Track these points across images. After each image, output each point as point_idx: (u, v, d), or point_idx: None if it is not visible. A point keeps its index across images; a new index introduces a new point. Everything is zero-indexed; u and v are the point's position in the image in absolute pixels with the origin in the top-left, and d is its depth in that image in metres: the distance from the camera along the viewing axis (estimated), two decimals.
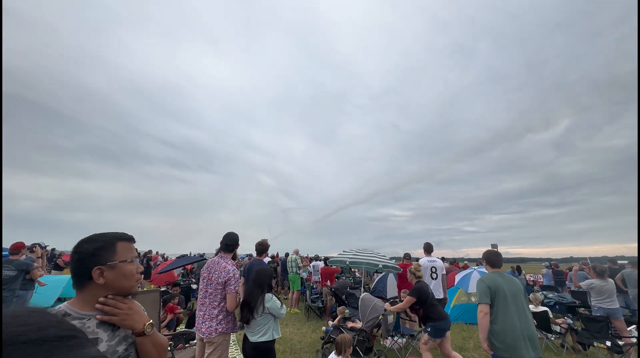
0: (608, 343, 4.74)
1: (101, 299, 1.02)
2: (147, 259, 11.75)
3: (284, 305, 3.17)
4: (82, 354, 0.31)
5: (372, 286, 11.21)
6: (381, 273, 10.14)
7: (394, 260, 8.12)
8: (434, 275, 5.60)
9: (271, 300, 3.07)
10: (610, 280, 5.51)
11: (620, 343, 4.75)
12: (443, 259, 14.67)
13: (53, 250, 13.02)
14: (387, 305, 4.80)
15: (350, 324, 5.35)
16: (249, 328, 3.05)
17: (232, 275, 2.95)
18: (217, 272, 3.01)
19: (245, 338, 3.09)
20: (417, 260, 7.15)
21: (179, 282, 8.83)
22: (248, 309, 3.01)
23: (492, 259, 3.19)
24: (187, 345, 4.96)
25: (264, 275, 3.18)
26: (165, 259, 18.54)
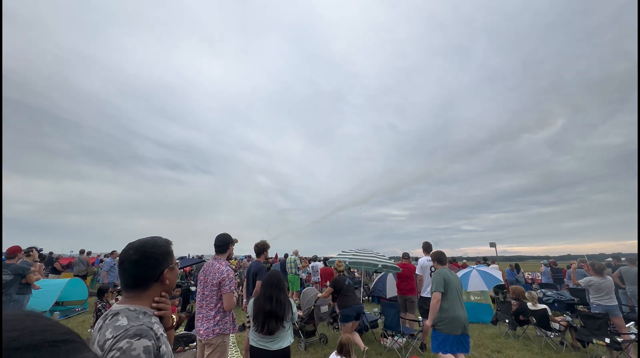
0: (607, 340, 4.76)
1: (157, 298, 1.14)
2: None
3: None
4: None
5: (371, 286, 11.22)
6: (380, 273, 10.14)
7: (393, 260, 8.12)
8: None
9: (294, 305, 3.01)
10: (609, 277, 5.54)
11: (619, 340, 4.77)
12: None
13: (50, 253, 12.94)
14: (319, 295, 5.80)
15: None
16: (267, 338, 2.82)
17: (225, 275, 2.94)
18: (211, 274, 3.02)
19: (255, 348, 2.87)
20: (417, 259, 7.16)
21: (179, 284, 8.79)
22: (275, 319, 2.79)
23: (441, 258, 4.12)
24: (186, 347, 4.93)
25: (281, 279, 3.05)
26: None
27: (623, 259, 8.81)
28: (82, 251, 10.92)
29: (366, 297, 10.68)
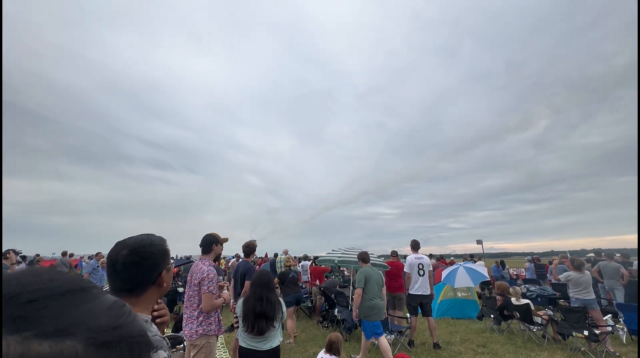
0: (585, 333, 4.94)
1: (157, 306, 1.07)
2: None
3: None
4: (107, 299, 0.33)
5: None
6: None
7: (382, 258, 8.20)
8: (421, 272, 5.69)
9: (284, 306, 3.01)
10: (587, 272, 5.75)
11: (597, 332, 4.96)
12: (431, 256, 14.93)
13: (37, 255, 12.51)
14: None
15: None
16: (257, 338, 2.79)
17: (205, 275, 2.87)
18: (195, 274, 3.01)
19: (244, 349, 2.84)
20: (405, 257, 7.25)
21: None
22: (266, 319, 2.76)
23: (364, 257, 5.07)
24: (173, 349, 4.85)
25: (271, 279, 3.04)
26: None
27: (602, 254, 9.17)
28: (64, 253, 10.59)
29: None
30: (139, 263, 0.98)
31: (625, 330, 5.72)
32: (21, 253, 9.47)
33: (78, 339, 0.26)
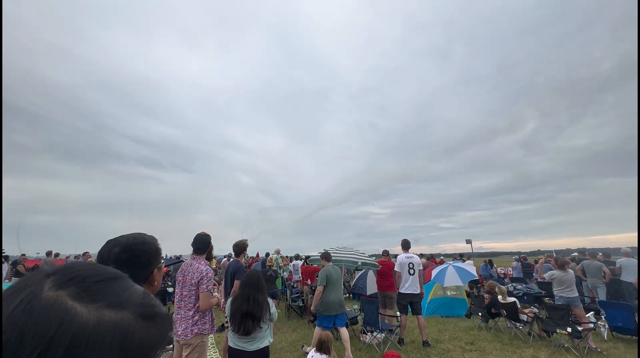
0: (569, 330, 5.09)
1: None
2: None
3: None
4: (140, 288, 0.42)
5: (352, 283, 11.37)
6: (361, 270, 10.29)
7: (374, 257, 8.27)
8: (412, 271, 5.76)
9: (273, 306, 2.95)
10: (570, 270, 5.93)
11: (580, 328, 5.11)
12: (421, 255, 15.12)
13: (23, 255, 12.14)
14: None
15: None
16: (245, 338, 2.78)
17: (204, 274, 2.94)
18: (190, 274, 2.99)
19: (233, 349, 2.84)
20: (396, 256, 7.33)
21: None
22: (252, 320, 2.74)
23: (327, 257, 5.40)
24: (162, 350, 4.80)
25: (261, 279, 2.99)
26: None
27: (586, 254, 9.44)
28: (49, 253, 10.33)
29: (347, 294, 10.81)
30: (131, 261, 0.98)
31: (607, 326, 5.91)
32: (4, 253, 9.21)
33: (130, 311, 0.36)
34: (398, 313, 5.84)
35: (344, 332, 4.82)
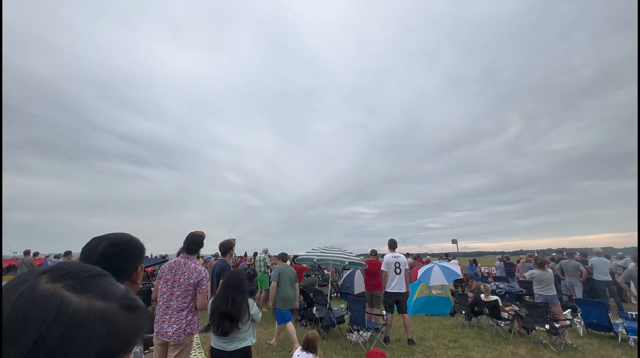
0: (547, 326, 5.29)
1: None
2: None
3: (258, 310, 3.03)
4: (121, 285, 0.48)
5: (340, 283, 11.44)
6: (349, 269, 10.37)
7: (362, 257, 8.35)
8: (398, 270, 5.85)
9: (254, 307, 2.92)
10: (549, 270, 6.16)
11: (557, 325, 5.32)
12: (408, 255, 15.34)
13: None
14: None
15: None
16: (224, 338, 2.76)
17: (204, 275, 2.98)
18: (185, 273, 2.94)
19: (213, 349, 2.82)
20: (383, 255, 7.43)
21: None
22: (230, 320, 2.70)
23: (284, 257, 6.22)
24: (146, 351, 4.72)
25: (242, 279, 2.94)
26: None
27: (564, 253, 9.80)
28: (26, 253, 9.93)
29: (334, 294, 10.87)
30: (119, 254, 1.01)
31: (582, 323, 6.17)
32: None
33: (115, 303, 0.42)
34: (384, 312, 5.93)
35: (290, 325, 5.29)
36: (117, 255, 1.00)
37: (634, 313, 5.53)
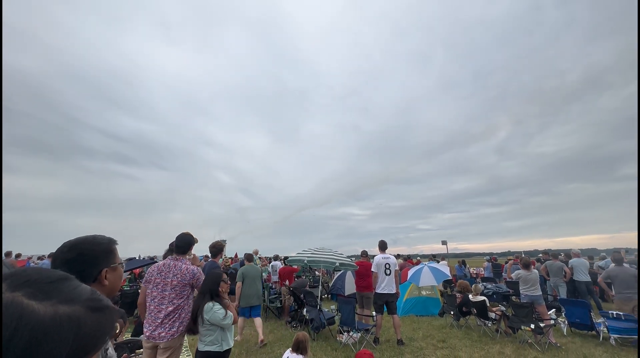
0: (532, 326, 5.41)
1: None
2: None
3: (229, 314, 2.83)
4: (87, 286, 0.49)
5: (331, 284, 11.44)
6: (340, 271, 10.39)
7: (354, 258, 8.39)
8: (388, 271, 5.89)
9: (210, 311, 2.76)
10: (535, 270, 6.31)
11: (542, 325, 5.44)
12: (399, 256, 15.46)
13: None
14: None
15: None
16: (199, 336, 2.88)
17: (199, 274, 3.00)
18: (178, 275, 2.92)
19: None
20: (374, 257, 7.48)
21: (124, 288, 8.21)
22: (192, 320, 2.84)
23: (250, 258, 6.69)
24: (132, 354, 4.62)
25: (208, 281, 2.95)
26: None
27: (549, 254, 10.05)
28: (7, 254, 9.63)
29: (325, 295, 10.87)
30: (78, 260, 1.01)
31: (566, 322, 6.33)
32: None
33: (81, 305, 0.42)
34: (374, 313, 5.96)
35: (258, 320, 5.79)
36: (74, 260, 1.00)
37: (614, 312, 5.70)
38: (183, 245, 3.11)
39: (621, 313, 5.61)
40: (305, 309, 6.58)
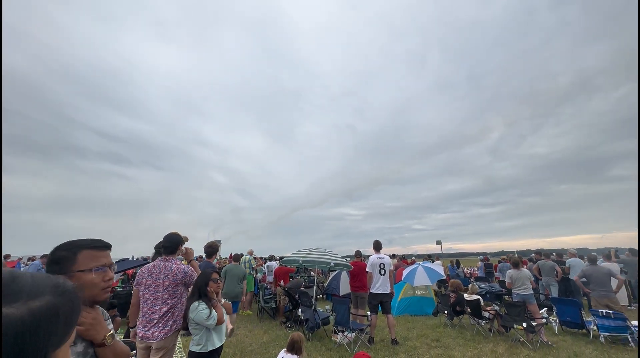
0: (524, 325, 5.48)
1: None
2: None
3: (213, 314, 2.78)
4: (43, 273, 0.51)
5: (326, 284, 11.45)
6: (335, 271, 10.41)
7: (348, 258, 8.40)
8: (382, 271, 5.92)
9: (195, 310, 2.74)
10: (524, 269, 6.43)
11: (534, 324, 5.52)
12: (394, 256, 15.54)
13: None
14: None
15: None
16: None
17: (191, 272, 3.00)
18: (169, 276, 2.90)
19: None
20: (369, 257, 7.51)
21: (117, 288, 8.13)
22: (183, 319, 2.87)
23: (237, 258, 7.25)
24: None
25: (198, 280, 2.92)
26: None
27: (541, 254, 10.19)
28: (7, 256, 9.47)
29: (320, 295, 10.87)
30: (54, 261, 1.06)
31: (557, 321, 6.43)
32: None
33: (49, 294, 0.45)
34: (368, 312, 5.98)
35: (233, 316, 6.09)
36: (52, 262, 1.06)
37: (604, 310, 5.80)
38: (170, 245, 3.08)
39: (610, 311, 5.71)
40: (300, 309, 6.58)
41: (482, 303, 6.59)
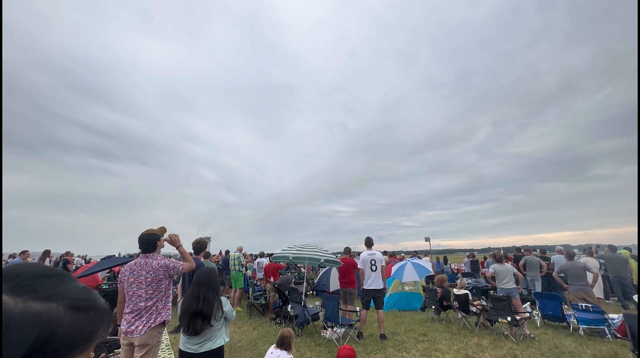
0: (508, 318, 5.64)
1: None
2: (64, 262, 10.35)
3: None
4: (80, 283, 0.48)
5: (316, 280, 11.51)
6: (325, 267, 10.46)
7: (339, 255, 8.46)
8: (374, 267, 5.98)
9: (227, 304, 2.87)
10: (507, 264, 6.61)
11: (517, 317, 5.68)
12: (385, 252, 15.72)
13: None
14: None
15: None
16: (194, 339, 2.68)
17: (172, 264, 3.01)
18: (151, 273, 2.90)
19: (182, 351, 2.72)
20: (359, 253, 7.56)
21: (102, 286, 7.97)
22: (202, 319, 2.63)
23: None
24: (110, 354, 4.51)
25: (213, 276, 2.88)
26: (87, 262, 16.46)
27: (522, 250, 10.50)
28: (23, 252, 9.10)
29: (310, 291, 10.92)
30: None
31: (540, 315, 6.65)
32: None
33: (59, 303, 0.41)
34: (357, 308, 6.04)
35: None
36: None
37: (583, 304, 6.03)
38: (147, 246, 3.05)
39: (589, 305, 5.94)
40: (289, 305, 6.60)
41: (470, 298, 6.75)
